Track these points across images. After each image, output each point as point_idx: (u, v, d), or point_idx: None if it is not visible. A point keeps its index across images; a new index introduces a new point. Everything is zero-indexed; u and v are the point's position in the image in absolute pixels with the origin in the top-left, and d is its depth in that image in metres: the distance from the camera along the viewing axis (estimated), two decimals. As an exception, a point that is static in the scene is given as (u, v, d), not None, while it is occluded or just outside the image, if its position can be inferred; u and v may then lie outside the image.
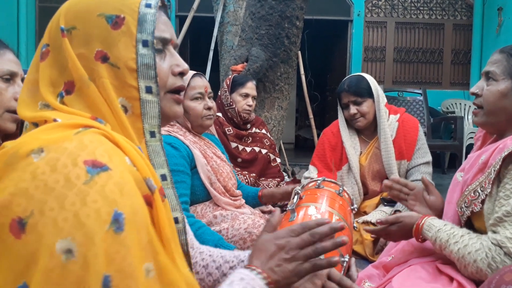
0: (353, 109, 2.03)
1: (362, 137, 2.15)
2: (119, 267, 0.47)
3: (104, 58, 0.60)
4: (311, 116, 4.39)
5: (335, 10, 5.74)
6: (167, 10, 0.71)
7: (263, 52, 3.02)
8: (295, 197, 1.21)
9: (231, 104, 2.39)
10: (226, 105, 2.41)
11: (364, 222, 1.91)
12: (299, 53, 3.61)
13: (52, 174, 0.48)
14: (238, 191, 1.72)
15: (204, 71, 3.73)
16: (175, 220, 0.68)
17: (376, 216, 1.86)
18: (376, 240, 1.84)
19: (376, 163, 2.07)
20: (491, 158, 1.06)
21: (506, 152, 1.00)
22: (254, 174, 2.43)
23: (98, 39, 0.61)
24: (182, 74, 0.70)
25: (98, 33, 0.61)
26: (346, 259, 0.90)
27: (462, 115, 5.02)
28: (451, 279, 1.09)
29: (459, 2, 5.72)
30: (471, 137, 4.57)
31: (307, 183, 1.37)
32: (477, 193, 1.07)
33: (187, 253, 0.71)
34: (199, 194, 1.60)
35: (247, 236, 1.48)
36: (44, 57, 0.62)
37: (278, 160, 2.64)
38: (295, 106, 6.95)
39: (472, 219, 1.13)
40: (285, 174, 2.81)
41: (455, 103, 5.29)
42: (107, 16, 0.61)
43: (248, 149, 2.48)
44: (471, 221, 1.14)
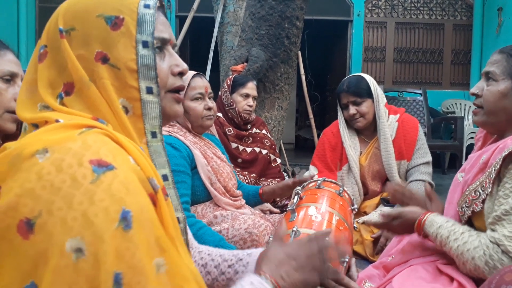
0: (352, 110, 2.03)
1: (362, 137, 2.15)
2: (129, 264, 0.48)
3: (104, 59, 0.60)
4: (311, 116, 4.39)
5: (335, 10, 5.74)
6: (165, 10, 0.71)
7: (263, 52, 3.02)
8: (296, 197, 1.21)
9: (232, 104, 2.39)
10: (227, 105, 2.41)
11: (364, 223, 1.92)
12: (299, 53, 3.61)
13: (58, 174, 0.48)
14: (238, 192, 1.72)
15: (204, 71, 3.73)
16: (177, 220, 0.68)
17: (376, 217, 1.86)
18: (376, 240, 1.84)
19: (376, 163, 2.07)
20: (492, 158, 1.07)
21: (506, 151, 1.01)
22: (254, 175, 2.43)
23: (98, 40, 0.60)
24: (181, 74, 0.70)
25: (97, 34, 0.61)
26: (346, 259, 0.90)
27: (462, 115, 5.02)
28: (452, 279, 1.09)
29: (459, 2, 5.72)
30: (471, 137, 4.57)
31: (307, 183, 1.37)
32: (478, 193, 1.08)
33: (187, 252, 0.71)
34: (200, 194, 1.61)
35: (247, 236, 1.48)
36: (42, 58, 0.62)
37: (279, 161, 2.64)
38: (295, 106, 6.95)
39: (473, 219, 1.13)
40: (285, 174, 2.81)
41: (455, 103, 5.29)
42: (106, 17, 0.61)
43: (249, 149, 2.47)
44: (471, 221, 1.15)
